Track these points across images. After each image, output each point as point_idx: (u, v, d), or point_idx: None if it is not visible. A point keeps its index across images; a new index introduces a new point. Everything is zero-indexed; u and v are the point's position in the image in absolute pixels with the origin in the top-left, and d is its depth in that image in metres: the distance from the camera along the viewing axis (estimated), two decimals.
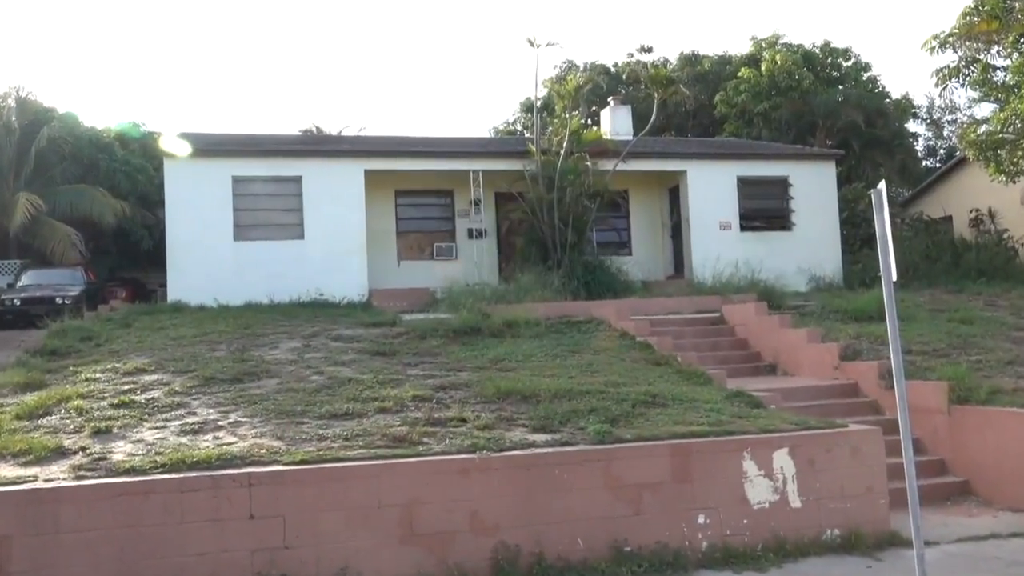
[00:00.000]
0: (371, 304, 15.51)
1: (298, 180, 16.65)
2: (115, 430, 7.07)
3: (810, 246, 18.55)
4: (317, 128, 31.61)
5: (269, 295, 15.29)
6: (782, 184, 19.22)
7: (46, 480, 5.89)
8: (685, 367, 10.00)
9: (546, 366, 9.69)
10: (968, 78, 17.69)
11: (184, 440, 6.78)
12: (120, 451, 6.50)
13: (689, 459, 6.76)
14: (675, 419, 7.50)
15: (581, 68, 33.18)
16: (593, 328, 12.19)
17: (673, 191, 19.38)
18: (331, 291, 15.64)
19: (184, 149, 16.38)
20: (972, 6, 16.72)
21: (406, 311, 14.55)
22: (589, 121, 26.80)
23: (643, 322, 11.99)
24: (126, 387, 8.44)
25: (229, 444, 6.60)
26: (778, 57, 27.65)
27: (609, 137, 19.74)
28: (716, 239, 18.22)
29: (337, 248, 16.36)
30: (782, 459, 6.99)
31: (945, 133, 33.56)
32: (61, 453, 6.47)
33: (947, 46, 17.29)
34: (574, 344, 11.11)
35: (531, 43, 17.32)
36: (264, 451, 6.41)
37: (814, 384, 10.33)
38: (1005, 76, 17.06)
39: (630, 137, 20.55)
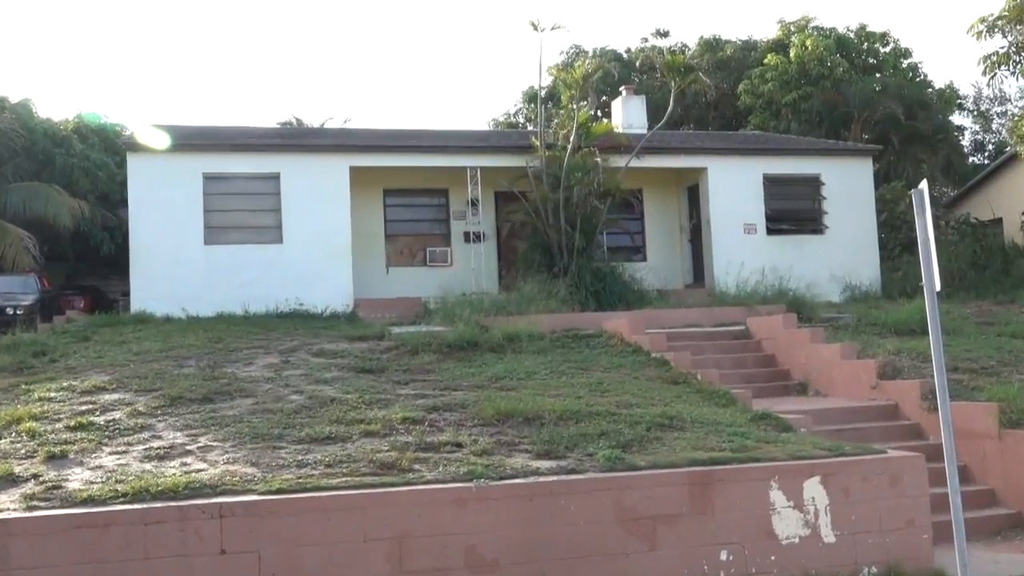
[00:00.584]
0: (356, 315, 15.54)
1: (276, 178, 16.70)
2: (71, 455, 7.07)
3: (844, 251, 18.59)
4: (297, 120, 31.50)
5: (243, 305, 15.32)
6: (813, 183, 19.26)
7: None
8: (706, 386, 10.01)
9: (551, 385, 9.71)
10: (1020, 65, 17.72)
11: (148, 467, 6.78)
12: (77, 479, 6.50)
13: (710, 488, 6.75)
14: (694, 444, 7.49)
15: (590, 54, 33.29)
16: (603, 342, 12.21)
17: (692, 190, 19.43)
18: (312, 301, 15.68)
19: (150, 143, 16.45)
20: None
21: (395, 323, 14.57)
22: (599, 113, 26.85)
23: (659, 336, 12.01)
24: (84, 407, 8.45)
25: (198, 471, 6.60)
26: (808, 42, 27.75)
27: (621, 130, 19.79)
28: (740, 244, 18.27)
29: (319, 253, 16.40)
30: (813, 489, 6.97)
31: (994, 126, 33.61)
32: (11, 481, 6.47)
33: (996, 30, 17.33)
34: (582, 360, 11.14)
35: (534, 26, 17.42)
36: (237, 479, 6.40)
37: (849, 405, 10.32)
38: None
39: (644, 130, 20.57)
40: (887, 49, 30.17)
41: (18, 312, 15.43)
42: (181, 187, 16.17)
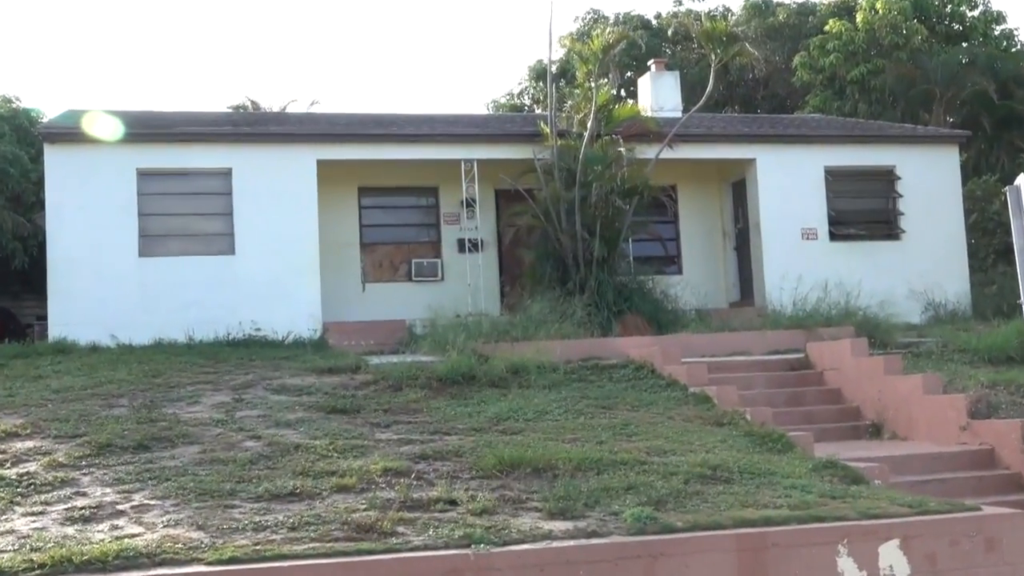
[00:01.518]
0: (326, 342, 15.56)
1: (227, 174, 16.80)
2: None
3: (925, 261, 18.63)
4: (253, 104, 31.61)
5: (187, 330, 15.36)
6: (886, 177, 19.31)
7: None
8: (756, 428, 10.00)
9: (566, 427, 9.71)
10: None
11: (70, 531, 6.76)
12: None
13: (763, 555, 6.72)
14: (743, 500, 7.47)
15: (611, 21, 33.52)
16: (630, 374, 12.24)
17: (738, 187, 19.51)
18: (271, 324, 15.74)
19: (72, 132, 16.53)
20: None
21: (374, 352, 14.53)
22: (622, 93, 27.05)
23: (699, 366, 12.03)
24: None
25: (132, 536, 6.58)
26: (879, 5, 27.86)
27: (650, 114, 19.87)
28: (797, 252, 18.34)
29: (280, 266, 16.49)
30: (891, 554, 6.95)
31: None
32: None
33: None
34: (604, 397, 11.16)
35: None
36: (180, 546, 6.39)
37: (934, 451, 10.31)
38: None
39: (678, 114, 20.60)
40: (975, 13, 30.28)
41: None
42: (110, 186, 16.23)
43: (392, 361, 12.66)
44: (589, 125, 17.23)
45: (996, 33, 29.85)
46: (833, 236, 18.75)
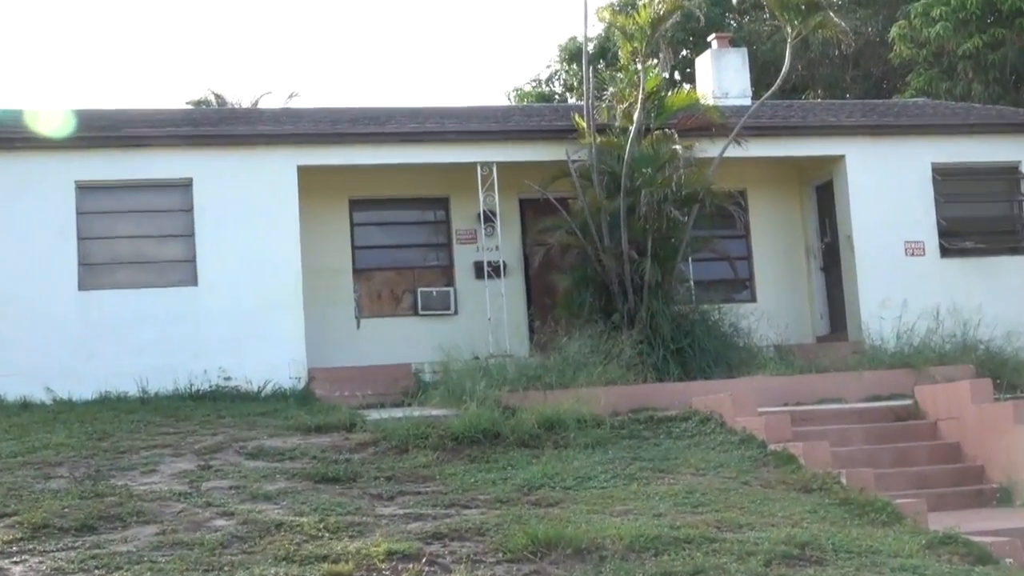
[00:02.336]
0: (312, 394, 15.58)
1: (186, 186, 16.86)
2: None
3: None
4: (218, 98, 31.88)
5: (140, 381, 15.41)
6: (1010, 175, 19.27)
7: None
8: (854, 494, 9.93)
9: (614, 497, 9.67)
10: None
11: None
12: None
13: None
14: None
15: None
16: (693, 429, 12.24)
17: (824, 191, 19.50)
18: (244, 372, 15.80)
19: None
20: None
21: (372, 404, 14.57)
22: (677, 76, 27.06)
23: (780, 417, 11.99)
24: None
25: None
26: None
27: (712, 101, 19.82)
28: (900, 271, 18.30)
29: (253, 299, 16.52)
30: None
31: None
32: None
33: None
34: (661, 457, 11.14)
35: None
36: None
37: None
38: None
39: (747, 101, 20.59)
40: None
41: None
42: (43, 203, 16.33)
43: (395, 416, 12.66)
44: (636, 117, 17.20)
45: None
46: (944, 251, 18.68)
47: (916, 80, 28.37)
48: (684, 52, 28.57)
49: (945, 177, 18.88)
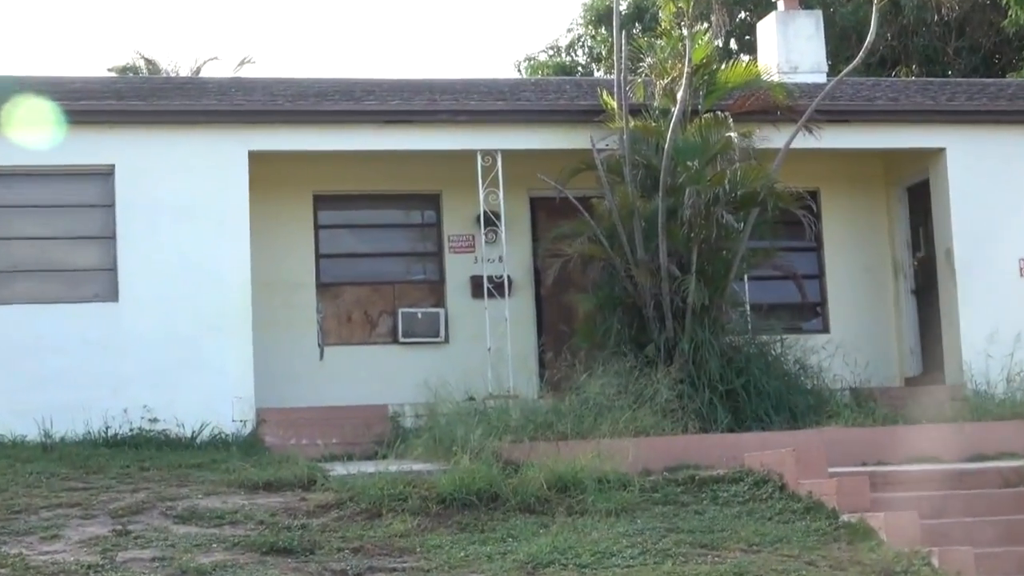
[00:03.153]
0: (261, 441, 15.66)
1: (107, 175, 16.90)
2: None
3: None
4: (150, 65, 31.91)
5: (42, 421, 15.34)
6: None
7: None
8: None
9: None
10: None
11: None
12: None
13: None
14: None
15: None
16: (746, 493, 12.23)
17: (918, 194, 19.56)
18: (174, 412, 15.81)
19: None
20: None
21: (337, 455, 14.60)
22: (733, 45, 26.94)
23: (856, 480, 11.92)
24: None
25: None
26: None
27: (777, 78, 19.68)
28: (1013, 296, 18.32)
29: (189, 320, 16.54)
30: None
31: None
32: None
33: None
34: (705, 529, 11.08)
35: None
36: None
37: None
38: None
39: (822, 78, 20.62)
40: None
41: None
42: None
43: (366, 471, 12.59)
44: (680, 96, 17.19)
45: None
46: None
47: None
48: (742, 15, 28.48)
49: None
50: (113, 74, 29.95)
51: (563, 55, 38.10)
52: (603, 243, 17.04)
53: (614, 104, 17.46)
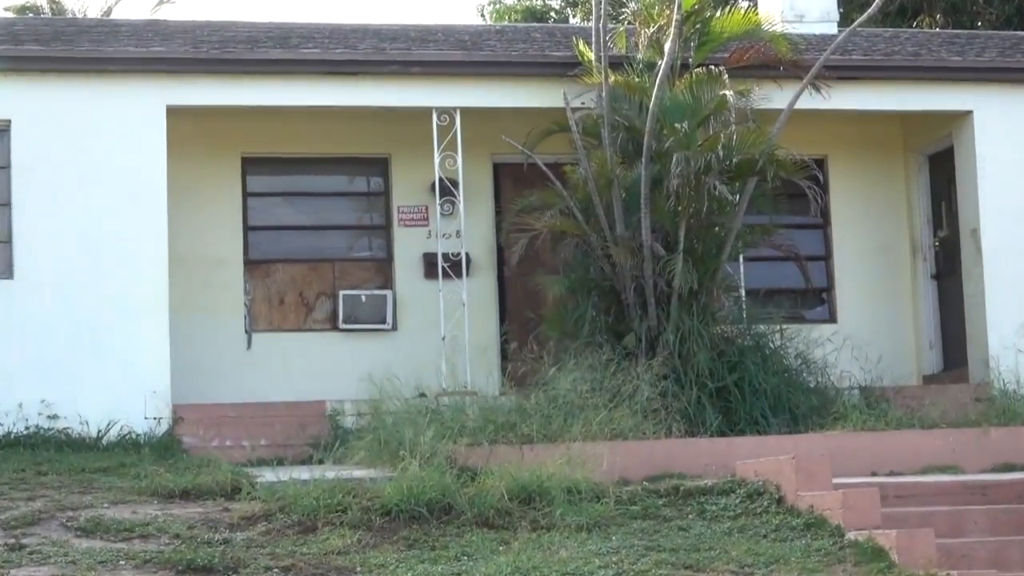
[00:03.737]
0: (177, 442, 15.70)
1: (0, 132, 16.85)
2: None
3: None
4: (52, 3, 31.83)
5: None
6: None
7: None
8: None
9: None
10: None
11: None
12: None
13: None
14: None
15: None
16: (738, 506, 12.29)
17: (940, 163, 19.68)
18: (77, 409, 15.82)
19: None
20: None
21: (265, 460, 14.65)
22: None
23: (865, 493, 11.92)
24: None
25: None
26: None
27: (781, 28, 19.66)
28: None
29: (95, 301, 16.50)
30: None
31: None
32: None
33: None
34: (691, 547, 11.13)
35: None
36: None
37: None
38: None
39: (833, 28, 20.72)
40: None
41: None
42: None
43: (300, 478, 12.52)
44: (668, 47, 17.17)
45: None
46: None
47: None
48: None
49: None
50: (10, 14, 29.76)
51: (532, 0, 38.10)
52: (577, 217, 17.12)
53: (592, 56, 17.48)
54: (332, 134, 18.61)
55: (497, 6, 39.09)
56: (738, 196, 17.14)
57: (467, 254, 18.31)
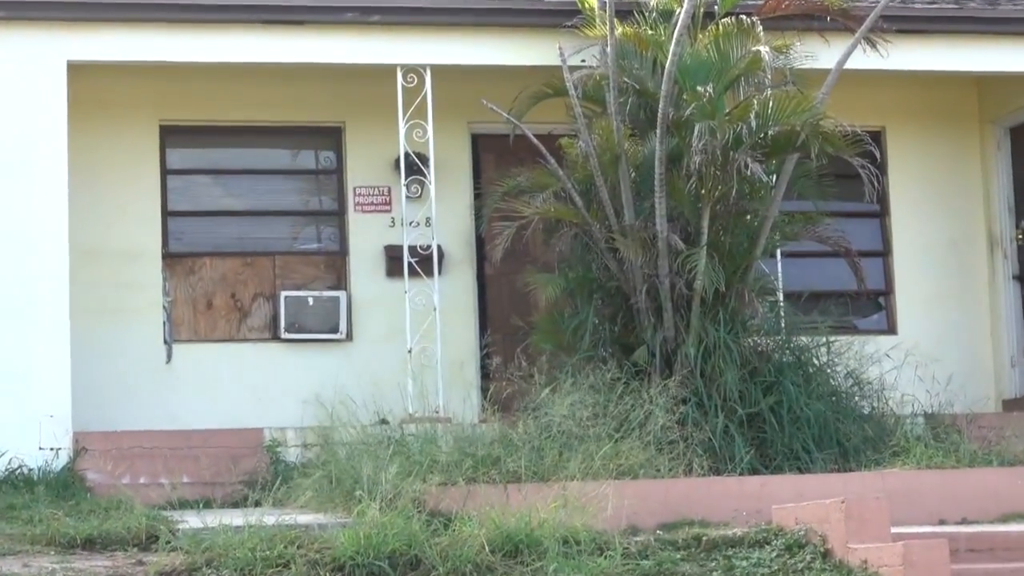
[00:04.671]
0: (80, 479, 15.74)
1: None
2: None
3: None
4: None
5: None
6: None
7: None
8: None
9: None
10: None
11: None
12: None
13: None
14: None
15: None
16: (774, 561, 12.24)
17: (1023, 135, 19.64)
18: None
19: None
20: None
21: (190, 502, 14.59)
22: None
23: (932, 545, 11.88)
24: None
25: None
26: None
27: None
28: None
29: None
30: None
31: None
32: None
33: None
34: None
35: None
36: None
37: None
38: None
39: None
40: None
41: None
42: None
43: (232, 524, 12.47)
44: None
45: None
46: None
47: None
48: None
49: None
50: None
51: None
52: (575, 201, 17.05)
53: (594, 2, 17.45)
54: (272, 98, 18.61)
55: None
56: (775, 177, 17.19)
57: (439, 247, 18.36)
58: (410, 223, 18.23)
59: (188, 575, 11.51)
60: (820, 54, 17.63)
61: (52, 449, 16.07)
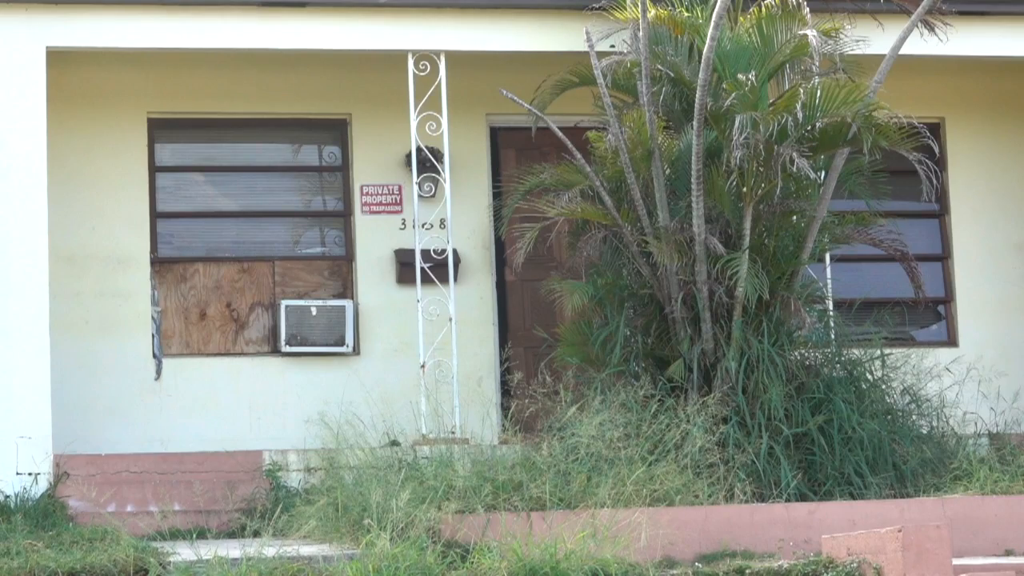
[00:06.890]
0: (62, 506, 15.74)
1: None
2: None
3: None
4: None
5: None
6: None
7: None
8: None
9: None
10: None
11: None
12: None
13: None
14: None
15: None
16: None
17: None
18: None
19: None
20: None
21: (182, 532, 14.66)
22: None
23: None
24: None
25: None
26: None
27: None
28: None
29: None
30: None
31: None
32: None
33: None
34: None
35: None
36: None
37: None
38: None
39: None
40: None
41: None
42: None
43: (228, 556, 12.52)
44: None
45: None
46: None
47: None
48: None
49: None
50: None
51: None
52: (604, 201, 17.03)
53: None
54: (271, 88, 18.68)
55: None
56: (823, 174, 17.15)
57: (455, 251, 18.36)
58: (423, 225, 18.29)
59: None
60: (873, 38, 17.59)
61: (31, 474, 16.04)
